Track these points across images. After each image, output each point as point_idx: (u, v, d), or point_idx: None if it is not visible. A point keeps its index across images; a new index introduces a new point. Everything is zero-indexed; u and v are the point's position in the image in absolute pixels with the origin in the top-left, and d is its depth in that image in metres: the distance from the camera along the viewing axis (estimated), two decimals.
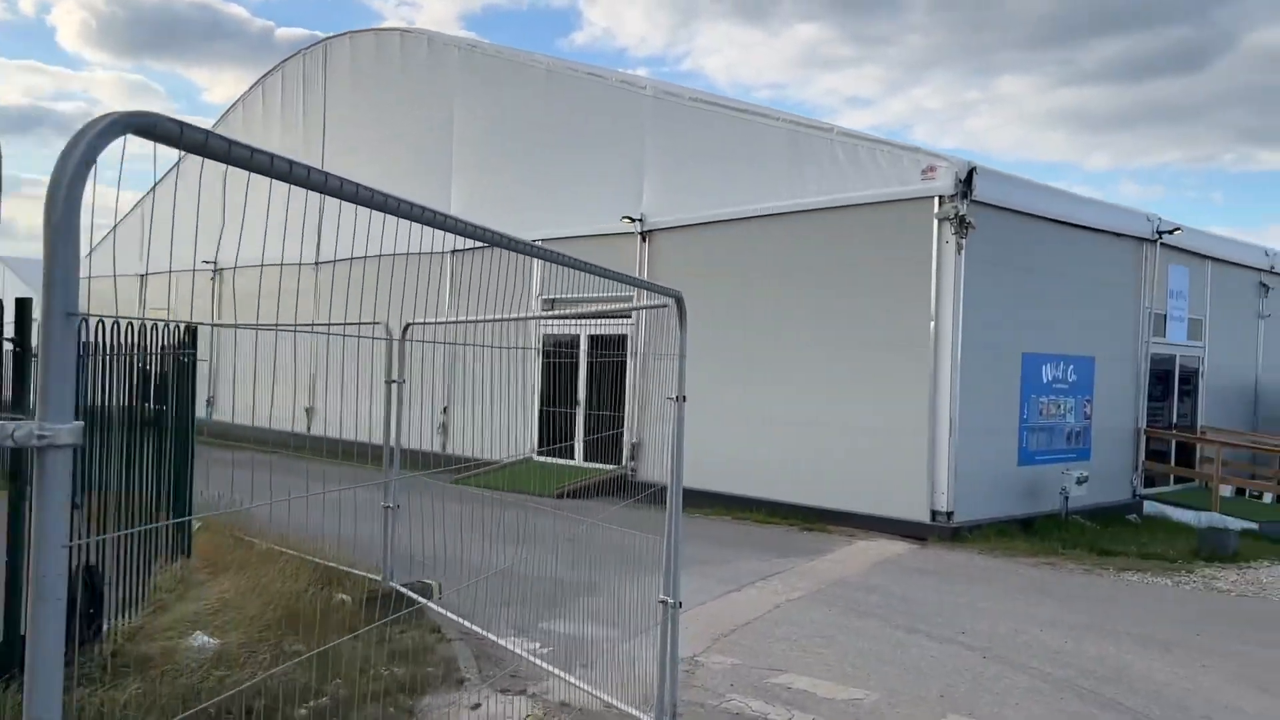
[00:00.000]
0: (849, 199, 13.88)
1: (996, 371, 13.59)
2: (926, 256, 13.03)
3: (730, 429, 15.21)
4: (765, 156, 14.94)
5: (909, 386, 13.20)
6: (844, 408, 13.90)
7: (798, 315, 14.53)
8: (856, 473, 13.67)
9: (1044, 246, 14.35)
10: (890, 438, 13.35)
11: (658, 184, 16.56)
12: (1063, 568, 11.19)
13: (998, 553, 11.89)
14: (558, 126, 18.33)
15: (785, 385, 14.59)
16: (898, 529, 13.05)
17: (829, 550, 11.50)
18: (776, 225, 14.85)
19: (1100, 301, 15.42)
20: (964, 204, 12.72)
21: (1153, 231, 16.14)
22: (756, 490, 14.74)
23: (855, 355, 13.83)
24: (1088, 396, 15.15)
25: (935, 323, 12.93)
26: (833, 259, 14.15)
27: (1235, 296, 18.79)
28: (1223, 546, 12.52)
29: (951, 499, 12.84)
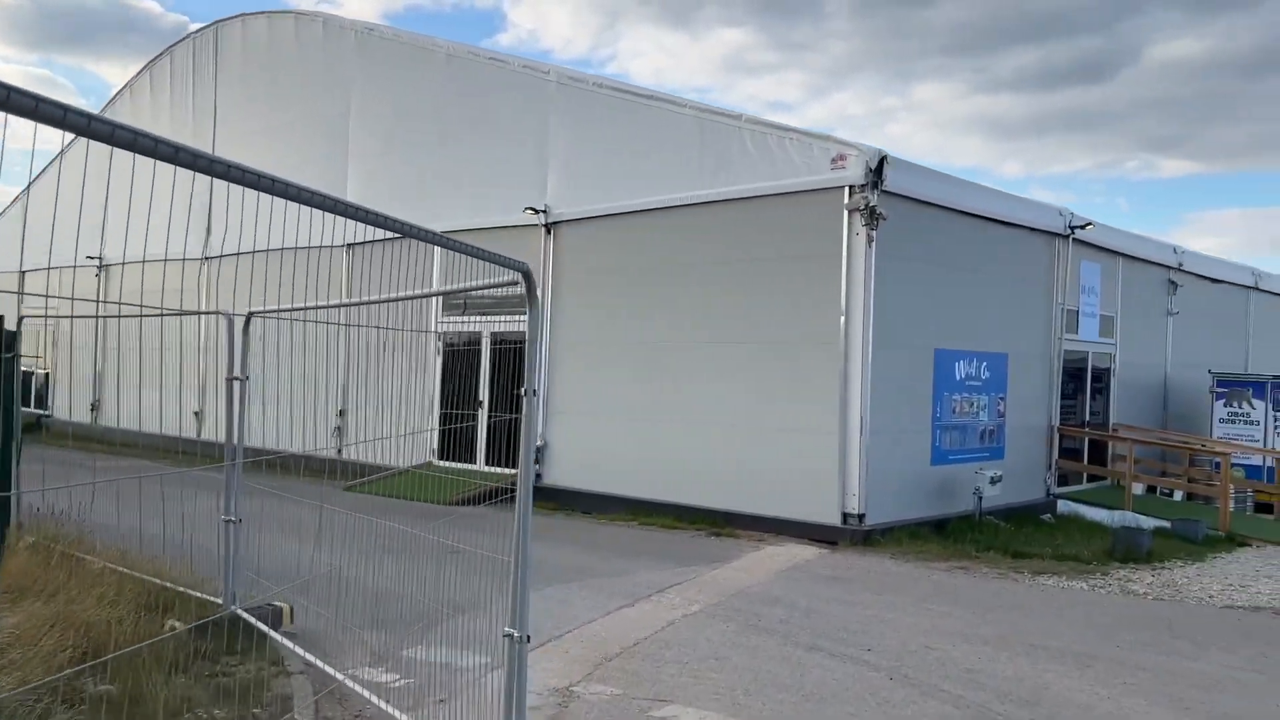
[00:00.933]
0: (759, 189, 13.30)
1: (909, 368, 13.14)
2: (837, 249, 12.50)
3: (637, 429, 14.52)
4: (673, 146, 14.29)
5: (820, 384, 12.66)
6: (754, 407, 13.31)
7: (707, 310, 13.91)
8: (767, 474, 13.09)
9: (957, 240, 13.96)
10: (801, 438, 12.80)
11: (563, 174, 15.79)
12: (976, 572, 10.73)
13: (910, 557, 11.40)
14: (459, 114, 17.44)
15: (693, 383, 13.95)
16: (809, 533, 12.50)
17: (735, 557, 10.86)
18: (685, 217, 14.20)
19: (1014, 297, 15.12)
20: (874, 194, 12.23)
21: (1065, 227, 15.92)
22: (664, 494, 14.07)
23: (766, 352, 13.25)
24: (1001, 394, 14.83)
25: (846, 318, 12.42)
26: (743, 252, 13.55)
27: (1145, 294, 18.77)
28: (1137, 547, 12.24)
29: (863, 501, 12.33)
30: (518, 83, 16.54)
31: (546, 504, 15.09)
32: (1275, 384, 17.79)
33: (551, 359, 15.73)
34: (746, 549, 11.57)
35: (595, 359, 15.17)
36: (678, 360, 14.16)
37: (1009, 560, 11.61)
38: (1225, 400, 18.21)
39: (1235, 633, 8.13)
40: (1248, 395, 17.98)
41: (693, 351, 14.00)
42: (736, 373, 13.52)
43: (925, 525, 12.96)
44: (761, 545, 11.85)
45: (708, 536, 12.53)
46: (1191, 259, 19.97)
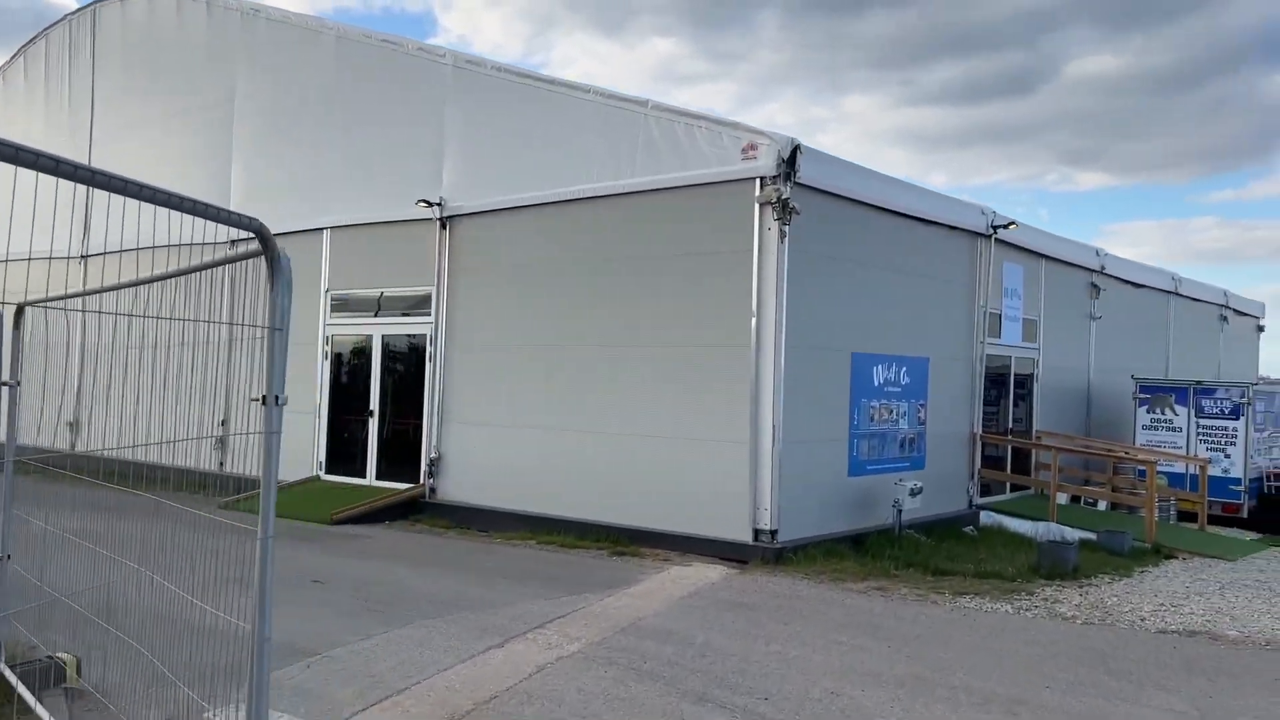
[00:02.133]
0: (666, 181, 12.35)
1: (824, 373, 12.31)
2: (748, 245, 11.61)
3: (539, 440, 13.45)
4: (576, 134, 13.27)
5: (730, 391, 11.75)
6: (662, 414, 12.34)
7: (614, 311, 12.91)
8: (676, 488, 12.13)
9: (875, 238, 13.19)
10: (711, 449, 11.87)
11: (460, 165, 14.66)
12: (894, 594, 9.89)
13: (824, 577, 10.52)
14: (350, 101, 16.19)
15: (600, 389, 12.93)
16: (719, 551, 11.56)
17: (634, 581, 9.85)
18: (588, 210, 13.20)
19: (935, 299, 14.42)
20: (787, 186, 11.37)
21: (987, 226, 15.30)
22: (567, 510, 13.02)
23: (674, 355, 12.29)
24: (922, 400, 14.10)
25: (758, 319, 11.52)
26: (649, 249, 12.59)
27: (1068, 297, 18.31)
28: (1063, 562, 11.54)
29: (775, 516, 11.43)
30: (412, 67, 15.37)
31: (439, 522, 13.93)
32: (1198, 390, 17.45)
33: (446, 364, 14.58)
34: (649, 571, 10.58)
35: (495, 364, 14.06)
36: (583, 365, 13.13)
37: (929, 579, 10.81)
38: (1148, 406, 17.82)
39: (1175, 664, 7.37)
40: (1170, 401, 17.60)
41: (599, 355, 12.99)
42: (644, 378, 12.54)
43: (842, 541, 12.11)
44: (666, 566, 10.87)
45: (610, 557, 11.50)
46: (1113, 263, 19.62)
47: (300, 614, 7.92)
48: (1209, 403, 17.24)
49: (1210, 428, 17.21)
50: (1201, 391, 17.36)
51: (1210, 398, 17.26)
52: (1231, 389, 17.23)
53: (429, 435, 14.67)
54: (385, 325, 15.56)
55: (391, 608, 8.30)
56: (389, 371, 15.58)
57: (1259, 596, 10.49)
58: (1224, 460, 17.03)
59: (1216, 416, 17.15)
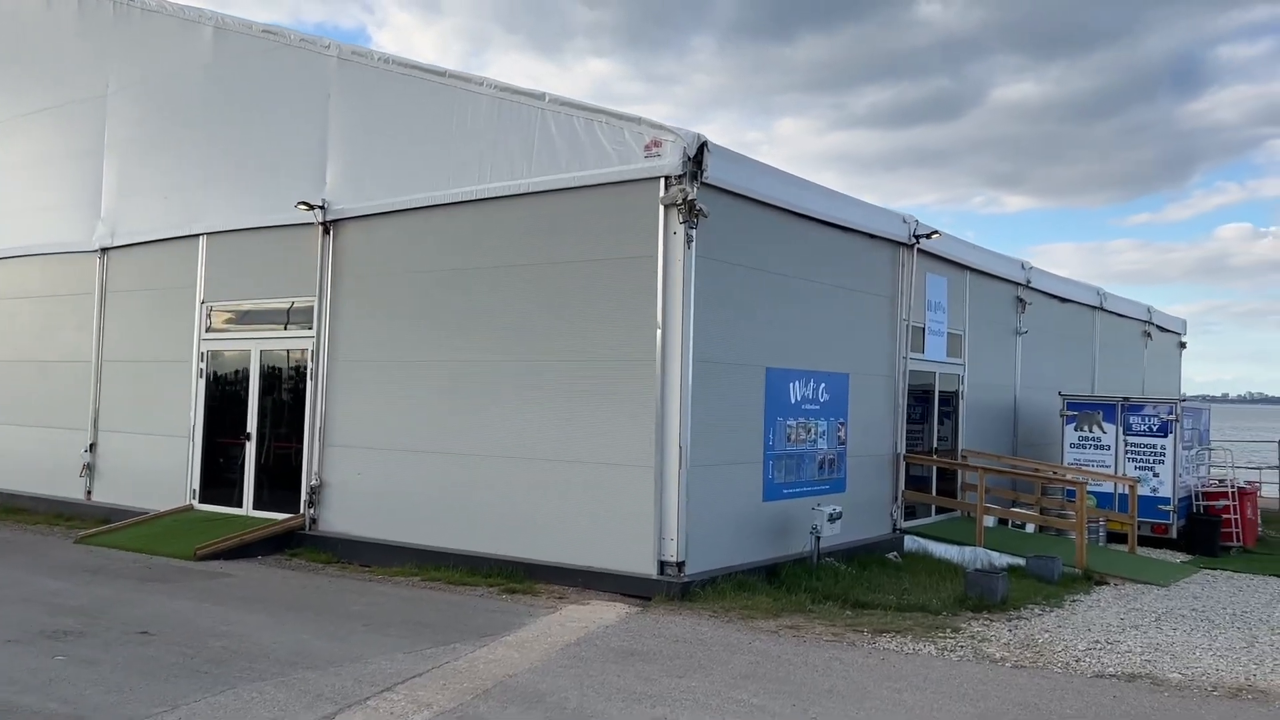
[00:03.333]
0: (565, 181, 11.33)
1: (736, 390, 11.36)
2: (652, 251, 10.63)
3: (431, 465, 12.28)
4: (470, 131, 12.19)
5: (634, 410, 10.73)
6: (562, 436, 11.27)
7: (511, 323, 11.81)
8: (576, 517, 11.05)
9: (791, 245, 12.32)
10: (614, 474, 10.82)
11: (345, 165, 13.47)
12: (808, 633, 8.92)
13: (733, 615, 9.52)
14: (231, 96, 14.90)
15: (496, 409, 11.81)
16: (621, 586, 10.50)
17: (516, 626, 8.72)
18: (483, 213, 12.11)
19: (855, 311, 13.61)
20: (693, 187, 10.42)
21: (910, 235, 14.56)
22: (460, 542, 11.86)
23: (574, 371, 11.24)
24: (842, 419, 13.24)
25: (662, 331, 10.54)
26: (549, 255, 11.54)
27: (994, 311, 17.70)
28: (990, 593, 10.72)
29: (682, 547, 10.41)
30: (295, 60, 14.15)
31: (319, 556, 12.64)
32: (1126, 407, 16.93)
33: (330, 382, 13.31)
34: (539, 612, 9.46)
35: (382, 382, 12.84)
36: (479, 382, 12.00)
37: (849, 614, 9.88)
38: (1076, 424, 17.26)
39: None
40: (1098, 418, 17.06)
41: (495, 372, 11.87)
42: (544, 397, 11.46)
43: (756, 572, 11.14)
44: (559, 606, 9.76)
45: (499, 596, 10.36)
46: (1039, 276, 19.11)
47: (103, 678, 6.66)
48: (1137, 420, 16.74)
49: (1138, 446, 16.69)
50: (1130, 409, 16.85)
51: (1138, 415, 16.75)
52: (1159, 406, 16.75)
53: (310, 460, 13.37)
54: (264, 340, 14.24)
55: (221, 666, 7.06)
56: (268, 390, 14.25)
57: (1197, 629, 9.75)
58: (1152, 479, 16.51)
59: (1145, 434, 16.64)
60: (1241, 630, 9.81)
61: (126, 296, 15.98)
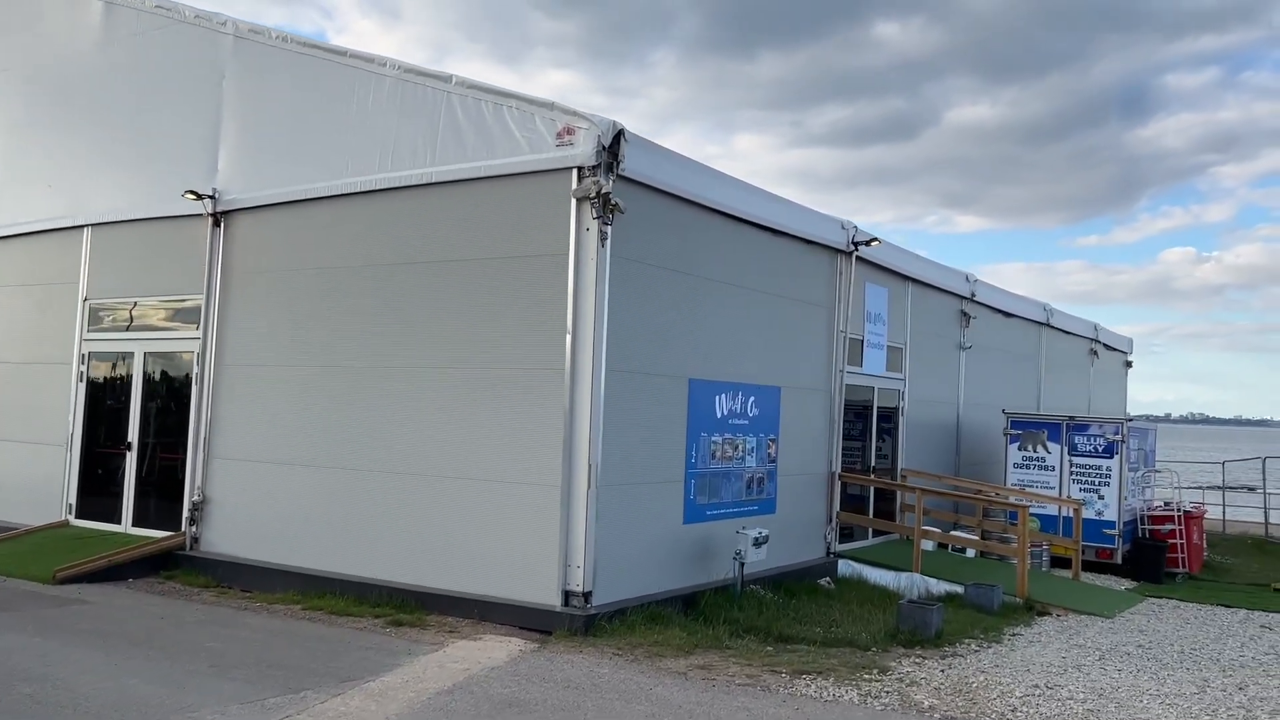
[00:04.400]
0: (470, 171, 10.36)
1: (656, 403, 10.44)
2: (563, 248, 9.69)
3: (324, 481, 11.20)
4: (372, 115, 11.18)
5: (539, 423, 9.76)
6: (461, 451, 10.26)
7: (411, 325, 10.80)
8: (475, 540, 10.05)
9: (719, 248, 11.46)
10: (517, 493, 9.83)
11: (239, 152, 12.37)
12: (721, 674, 7.99)
13: (641, 652, 8.57)
14: (120, 77, 13.73)
15: (394, 420, 10.78)
16: (521, 618, 9.50)
17: (388, 668, 7.68)
18: (384, 205, 11.09)
19: (788, 321, 12.77)
20: (609, 179, 9.51)
21: (848, 242, 13.78)
22: (350, 566, 10.79)
23: (477, 379, 10.25)
24: (772, 435, 12.37)
25: (573, 336, 9.59)
26: (453, 251, 10.55)
27: (937, 325, 17.00)
28: (924, 627, 9.89)
29: (589, 575, 9.45)
30: (189, 38, 13.03)
31: (197, 580, 11.48)
32: (1071, 426, 16.29)
33: (216, 389, 12.17)
34: (421, 649, 8.43)
35: (272, 389, 11.74)
36: (377, 390, 10.95)
37: (768, 651, 8.98)
38: (1019, 443, 16.59)
39: None
40: (1042, 438, 16.40)
41: (394, 379, 10.84)
42: (442, 407, 10.45)
43: (673, 602, 10.20)
44: (446, 642, 8.73)
45: (384, 628, 9.31)
46: (985, 290, 18.47)
47: None
48: (1082, 440, 16.10)
49: (1083, 467, 16.05)
50: (1075, 428, 16.22)
51: (1083, 435, 16.12)
52: (1105, 425, 16.13)
53: (193, 474, 12.20)
54: (150, 340, 13.06)
55: None
56: (152, 396, 13.07)
57: (1144, 670, 8.98)
58: (1097, 502, 15.87)
59: (1090, 455, 16.00)
60: (1191, 671, 9.06)
61: (3, 292, 14.68)
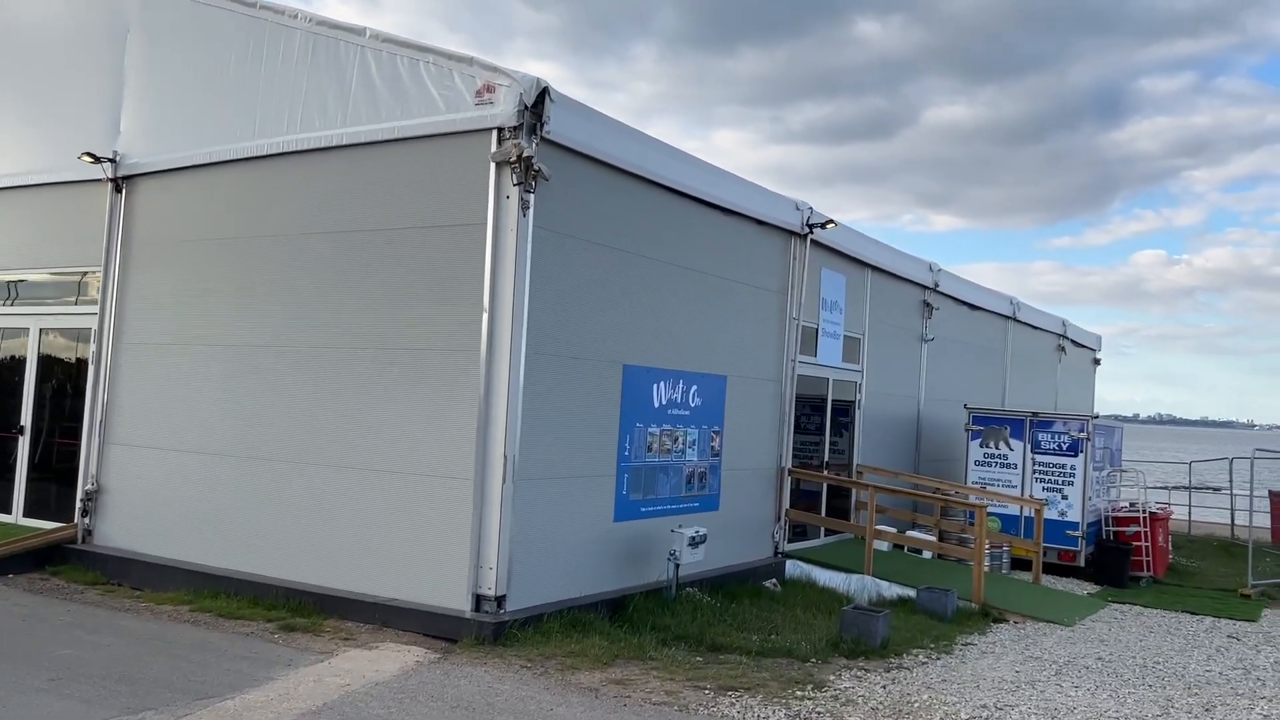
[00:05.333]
0: (383, 132, 9.46)
1: (585, 390, 9.59)
2: (480, 217, 8.82)
3: (224, 470, 10.28)
4: (281, 72, 10.25)
5: (452, 410, 8.89)
6: (368, 438, 9.38)
7: (313, 303, 9.90)
8: (380, 539, 9.17)
9: (660, 225, 10.62)
10: (426, 486, 8.97)
11: (143, 112, 11.40)
12: (637, 691, 7.18)
13: (553, 665, 7.73)
14: (14, 33, 12.67)
15: (300, 404, 9.88)
16: (428, 625, 8.63)
17: (257, 684, 6.80)
18: (290, 170, 10.17)
19: (737, 306, 11.95)
20: (532, 142, 8.64)
21: (803, 224, 12.98)
22: (247, 563, 9.89)
23: (386, 361, 9.36)
24: (717, 427, 11.57)
25: (490, 316, 8.72)
26: (364, 220, 9.65)
27: (897, 315, 16.26)
28: (869, 635, 9.12)
29: (503, 578, 8.60)
30: None
31: (86, 576, 10.52)
32: (1034, 422, 15.60)
33: (115, 368, 11.21)
34: (304, 661, 7.55)
35: (172, 370, 10.79)
36: (283, 373, 10.04)
37: (697, 661, 8.17)
38: (981, 440, 15.89)
39: None
40: (1005, 435, 15.71)
41: (301, 361, 9.93)
42: (351, 391, 9.55)
43: (598, 607, 9.37)
44: (335, 652, 7.86)
45: (273, 635, 8.41)
46: (949, 280, 17.75)
47: None
48: (1046, 437, 15.42)
49: (1047, 465, 15.37)
50: (1038, 424, 15.54)
51: (1047, 432, 15.44)
52: (1070, 423, 15.46)
53: (87, 461, 11.23)
54: (45, 316, 12.05)
55: None
56: (48, 376, 12.07)
57: (1103, 687, 8.25)
58: (1061, 502, 15.20)
59: (1054, 453, 15.32)
60: (1154, 688, 8.35)
61: None
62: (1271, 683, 8.80)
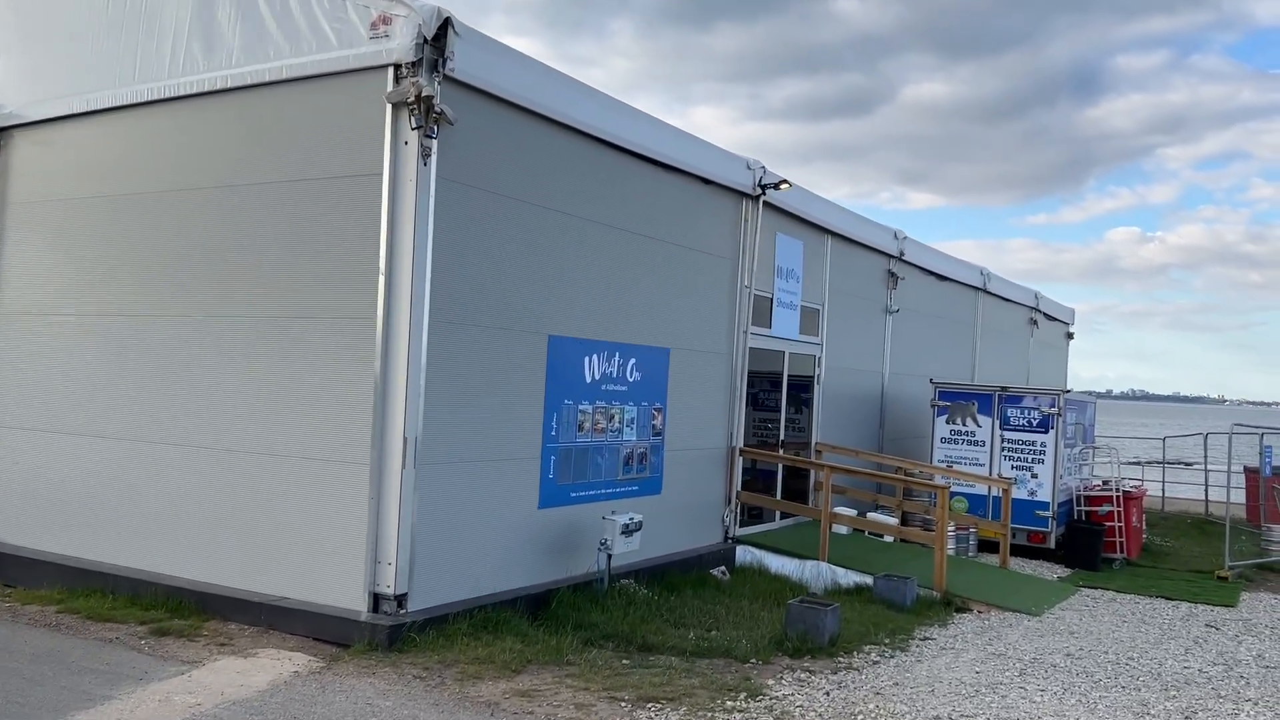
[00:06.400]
0: (269, 72, 8.39)
1: (501, 363, 8.60)
2: (376, 167, 7.78)
3: (97, 454, 9.24)
4: (165, 6, 9.13)
5: (346, 386, 7.88)
6: (254, 418, 8.36)
7: (195, 268, 8.84)
8: (271, 530, 8.18)
9: (589, 181, 9.62)
10: (317, 471, 7.97)
11: (19, 56, 10.25)
12: (543, 706, 6.25)
13: (451, 674, 6.79)
14: None
15: (174, 382, 8.84)
16: (318, 628, 7.66)
17: (94, 702, 5.83)
18: (172, 118, 9.09)
19: (681, 273, 10.99)
20: (433, 80, 7.61)
21: (754, 184, 12.00)
22: (127, 557, 8.90)
23: (272, 334, 8.34)
24: (658, 404, 10.63)
25: (387, 279, 7.71)
26: (249, 172, 8.59)
27: (860, 285, 15.34)
28: (816, 631, 8.25)
29: (404, 574, 7.64)
30: None
31: None
32: (1003, 397, 14.76)
33: None
34: (163, 672, 6.57)
35: (56, 342, 9.72)
36: (166, 347, 8.99)
37: (621, 666, 7.26)
38: (947, 416, 15.04)
39: None
40: (972, 410, 14.86)
41: (185, 333, 8.88)
42: (242, 364, 8.53)
43: (518, 604, 8.42)
44: (204, 661, 6.88)
45: (141, 639, 7.42)
46: (915, 249, 16.85)
47: None
48: (1015, 413, 14.59)
49: (1016, 442, 14.55)
50: (1007, 399, 14.70)
51: (1017, 407, 14.61)
52: (1040, 397, 14.63)
53: None
54: None
55: None
56: None
57: (1071, 690, 7.40)
58: (1030, 481, 14.40)
59: (1023, 429, 14.50)
60: (1127, 690, 7.51)
61: None
62: (1256, 681, 8.00)
